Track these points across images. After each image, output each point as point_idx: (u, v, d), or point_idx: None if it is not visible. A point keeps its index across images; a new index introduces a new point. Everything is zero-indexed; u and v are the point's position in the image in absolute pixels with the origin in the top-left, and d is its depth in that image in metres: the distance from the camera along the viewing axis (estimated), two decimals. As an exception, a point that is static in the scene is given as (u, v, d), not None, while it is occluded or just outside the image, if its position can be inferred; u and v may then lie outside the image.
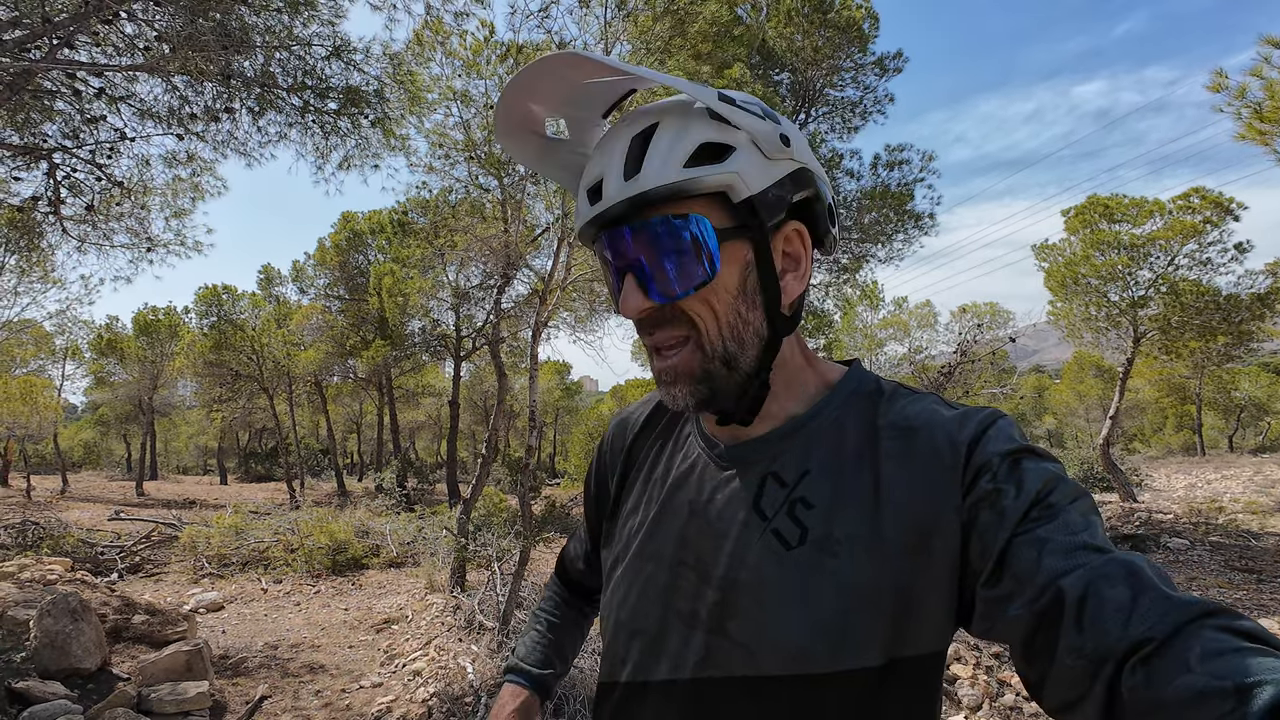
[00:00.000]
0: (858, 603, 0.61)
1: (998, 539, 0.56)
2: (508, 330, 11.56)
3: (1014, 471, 0.59)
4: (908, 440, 0.65)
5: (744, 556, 0.67)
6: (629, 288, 0.65)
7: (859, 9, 8.81)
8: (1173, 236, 12.43)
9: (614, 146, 0.65)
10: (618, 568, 0.79)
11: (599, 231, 0.67)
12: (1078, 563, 0.51)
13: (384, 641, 6.07)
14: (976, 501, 0.59)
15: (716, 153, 0.63)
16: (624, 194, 0.63)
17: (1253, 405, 27.41)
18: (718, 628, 0.66)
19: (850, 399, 0.71)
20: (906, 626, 0.60)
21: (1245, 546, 9.14)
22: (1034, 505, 0.56)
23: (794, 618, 0.62)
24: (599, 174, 0.66)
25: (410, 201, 9.17)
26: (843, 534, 0.63)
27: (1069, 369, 28.69)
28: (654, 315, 0.66)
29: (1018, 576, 0.53)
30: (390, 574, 8.94)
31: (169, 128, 5.54)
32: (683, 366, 0.66)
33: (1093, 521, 0.55)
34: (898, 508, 0.62)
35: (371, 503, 15.42)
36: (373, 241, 19.14)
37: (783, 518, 0.66)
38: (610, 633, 0.78)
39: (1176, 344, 13.61)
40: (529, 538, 5.20)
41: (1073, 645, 0.48)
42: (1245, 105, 6.65)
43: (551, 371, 27.25)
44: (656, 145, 0.63)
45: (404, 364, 19.14)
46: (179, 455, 38.05)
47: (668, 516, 0.75)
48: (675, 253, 0.63)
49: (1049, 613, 0.50)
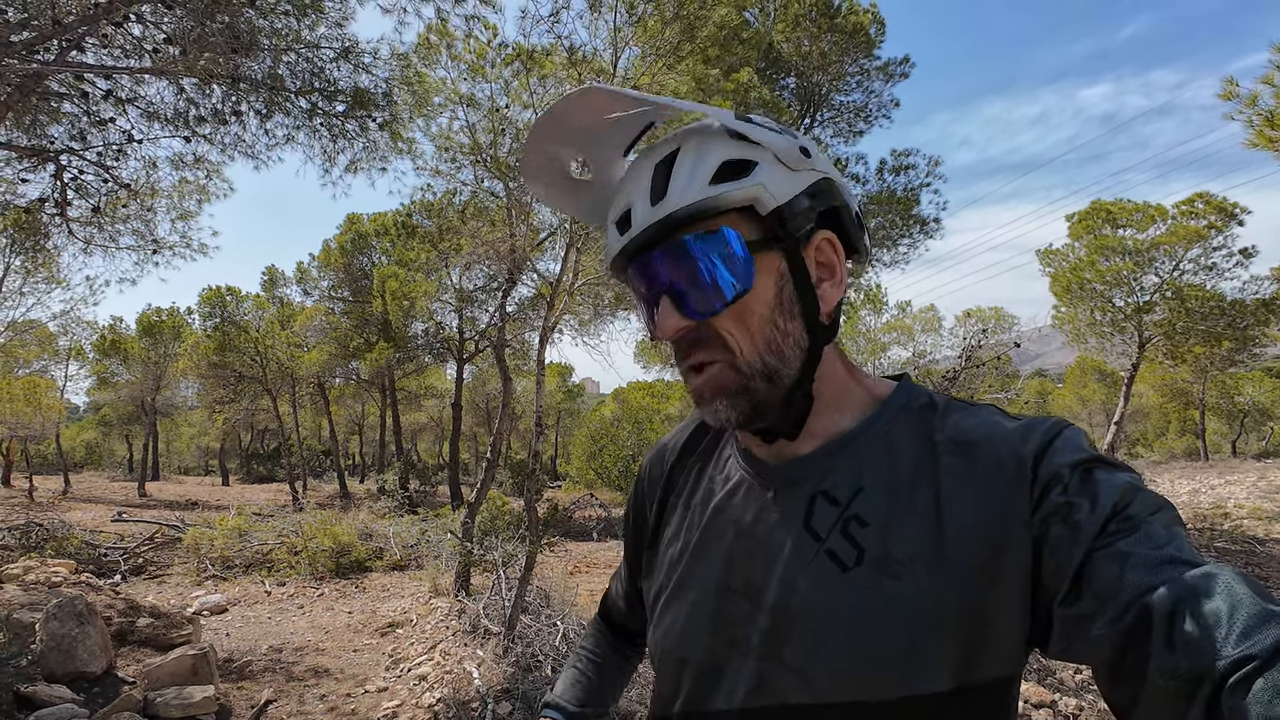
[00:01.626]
0: (922, 625, 0.58)
1: (1074, 555, 0.53)
2: (512, 333, 11.57)
3: (1086, 483, 0.56)
4: (968, 455, 0.62)
5: (796, 579, 0.64)
6: (665, 309, 0.65)
7: (865, 14, 8.81)
8: (1177, 242, 12.42)
9: (639, 176, 0.67)
10: (661, 597, 0.76)
11: (629, 261, 0.68)
12: (1165, 577, 0.48)
13: (389, 645, 6.06)
14: (1047, 516, 0.56)
15: (739, 169, 0.63)
16: (652, 218, 0.64)
17: (1256, 410, 27.33)
18: (771, 654, 0.64)
19: (901, 414, 0.69)
20: (976, 649, 0.58)
21: (1251, 553, 9.10)
22: (1111, 518, 0.53)
23: (853, 642, 0.60)
24: (626, 204, 0.67)
25: (415, 204, 9.22)
26: (903, 554, 0.60)
27: (1071, 373, 28.66)
28: (690, 335, 0.66)
29: (1098, 594, 0.51)
30: (394, 577, 8.93)
31: (176, 130, 5.55)
32: (718, 382, 0.66)
33: (1177, 533, 0.52)
34: (961, 525, 0.59)
35: (374, 504, 15.42)
36: (377, 244, 19.16)
37: (837, 537, 0.63)
38: (659, 664, 0.75)
39: (1181, 349, 13.60)
40: (535, 542, 5.19)
41: (1165, 665, 0.45)
42: (1256, 113, 6.63)
43: (554, 374, 27.26)
44: (680, 168, 0.64)
45: (407, 366, 19.15)
46: (181, 456, 38.07)
47: (712, 541, 0.73)
48: (708, 268, 0.63)
49: (1136, 631, 0.48)
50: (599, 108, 0.68)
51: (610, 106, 0.68)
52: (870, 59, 9.22)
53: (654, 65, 4.71)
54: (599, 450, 16.21)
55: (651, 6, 4.62)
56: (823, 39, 8.39)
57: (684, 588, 0.73)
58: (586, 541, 11.69)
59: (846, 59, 8.86)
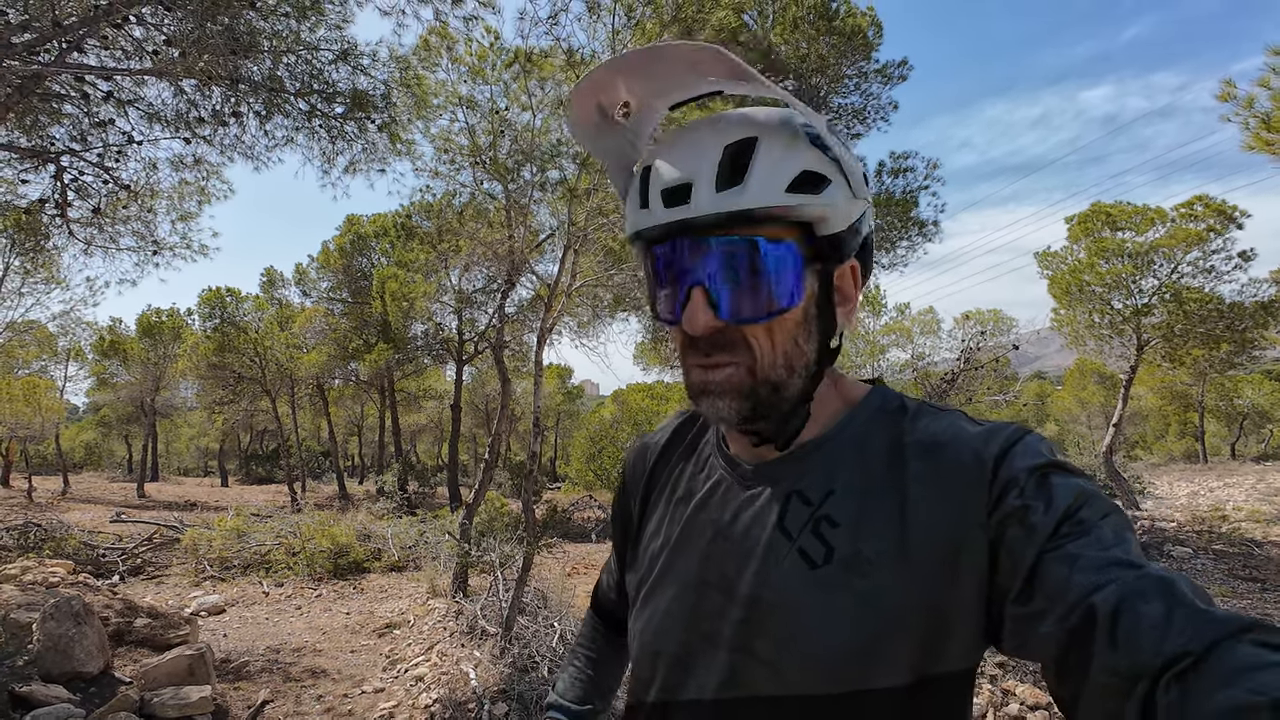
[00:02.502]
0: (885, 621, 0.60)
1: (1027, 555, 0.55)
2: (511, 334, 11.57)
3: (1042, 487, 0.58)
4: (933, 457, 0.64)
5: (769, 575, 0.66)
6: (698, 303, 0.63)
7: (863, 17, 8.84)
8: (1176, 244, 12.43)
9: (702, 151, 0.63)
10: (642, 590, 0.78)
11: (667, 237, 0.65)
12: (1110, 578, 0.50)
13: (386, 646, 6.06)
14: (1004, 518, 0.58)
15: (815, 182, 0.62)
16: (723, 206, 0.61)
17: (1255, 413, 27.33)
18: (743, 646, 0.66)
19: (874, 416, 0.71)
20: (935, 645, 0.60)
21: (1249, 555, 9.10)
22: (1064, 521, 0.55)
23: (821, 636, 0.62)
24: (683, 176, 0.62)
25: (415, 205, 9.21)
26: (870, 552, 0.62)
27: (1070, 376, 28.67)
28: (714, 335, 0.65)
29: (1048, 593, 0.53)
30: (392, 578, 8.93)
31: (176, 131, 5.56)
32: (730, 383, 0.65)
33: (1126, 537, 0.54)
34: (924, 525, 0.61)
35: (373, 506, 15.41)
36: (376, 245, 19.18)
37: (808, 536, 0.65)
38: (636, 655, 0.78)
39: (1180, 352, 13.61)
40: (532, 543, 5.19)
41: (1106, 663, 0.47)
42: (1253, 115, 6.65)
43: (553, 375, 27.27)
44: (761, 161, 0.61)
45: (406, 367, 19.14)
46: (180, 457, 38.04)
47: (691, 537, 0.75)
48: (759, 276, 0.62)
49: (1081, 630, 0.50)
50: (706, 69, 0.65)
51: (721, 73, 0.65)
52: (868, 61, 9.25)
53: None
54: (598, 452, 16.22)
55: (650, 9, 4.64)
56: (821, 42, 8.42)
57: (663, 581, 0.75)
58: (585, 543, 11.69)
59: (845, 62, 8.89)
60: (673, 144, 0.66)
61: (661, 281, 0.67)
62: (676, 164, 0.64)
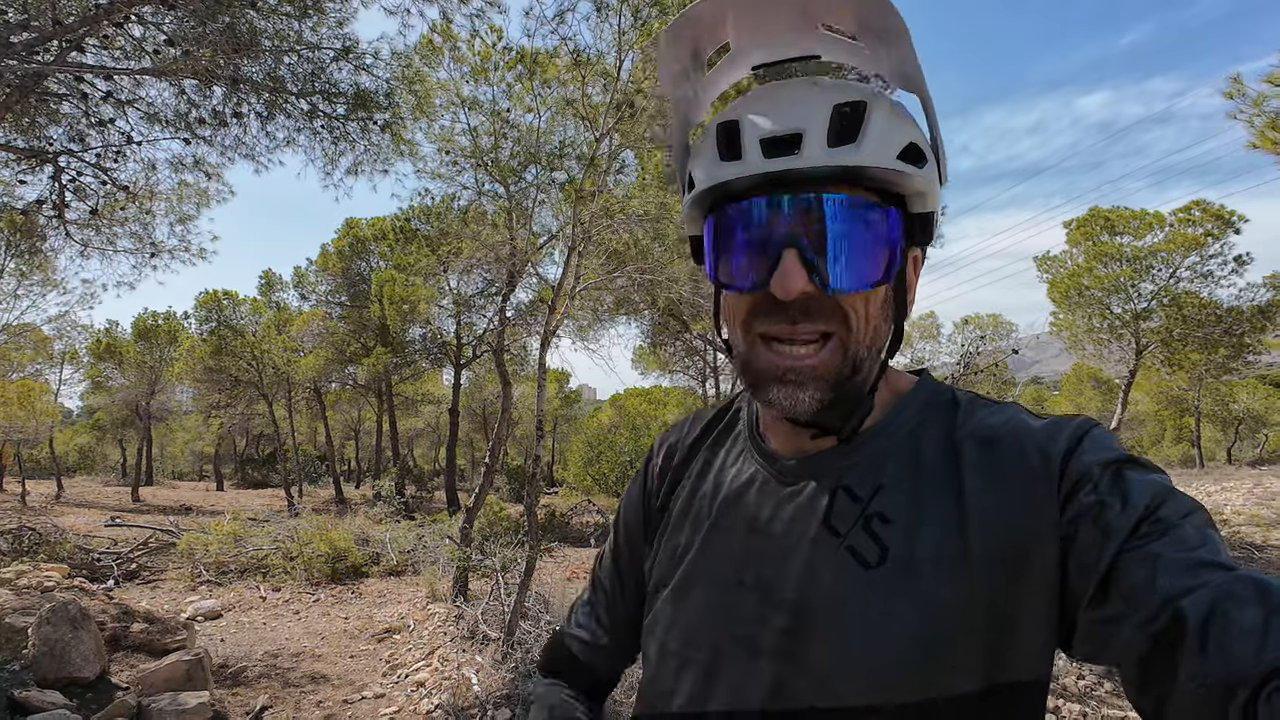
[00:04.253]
0: (948, 626, 0.56)
1: (1103, 556, 0.52)
2: (510, 338, 11.54)
3: (1118, 483, 0.54)
4: (993, 452, 0.60)
5: (816, 576, 0.61)
6: (791, 265, 0.57)
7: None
8: (1174, 249, 12.50)
9: (811, 106, 0.58)
10: (661, 592, 0.73)
11: (761, 190, 0.60)
12: (1199, 581, 0.47)
13: (385, 651, 6.01)
14: (1076, 516, 0.54)
15: (918, 157, 0.60)
16: (837, 159, 0.57)
17: (1250, 417, 27.44)
18: (788, 654, 0.61)
19: (924, 408, 0.67)
20: (1003, 651, 0.56)
21: (1249, 559, 9.10)
22: (1143, 520, 0.51)
23: (878, 643, 0.57)
24: (791, 126, 0.58)
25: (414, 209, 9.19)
26: (927, 552, 0.58)
27: (1068, 381, 28.72)
28: (803, 302, 0.59)
29: (1127, 596, 0.49)
30: (390, 582, 8.87)
31: (176, 132, 5.53)
32: (822, 367, 0.60)
33: (1210, 536, 0.51)
34: (986, 524, 0.57)
35: (370, 510, 15.35)
36: (375, 248, 19.15)
37: (859, 534, 0.61)
38: (655, 662, 0.71)
39: (1178, 356, 13.66)
40: (535, 547, 5.15)
41: (1197, 671, 0.44)
42: (1259, 114, 6.65)
43: (551, 380, 27.23)
44: (874, 124, 0.58)
45: (404, 371, 19.10)
46: (175, 461, 37.86)
47: (720, 535, 0.70)
48: (864, 241, 0.59)
49: (1167, 635, 0.46)
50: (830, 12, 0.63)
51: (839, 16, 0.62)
52: (870, 65, 9.30)
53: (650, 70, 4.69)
54: (596, 457, 16.15)
55: (655, 10, 4.63)
56: (824, 44, 8.46)
57: (689, 582, 0.70)
58: (584, 548, 11.64)
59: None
60: (769, 97, 0.61)
61: (741, 242, 0.61)
62: (778, 117, 0.59)
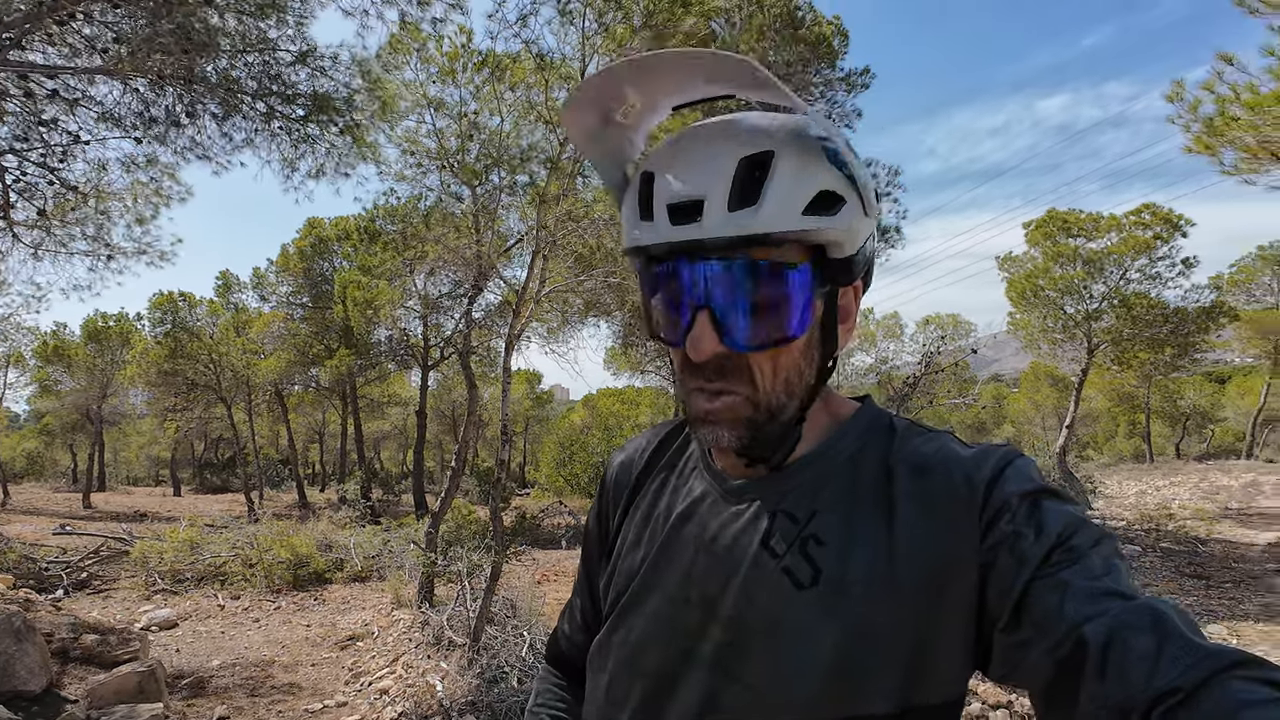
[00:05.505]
0: (871, 647, 0.59)
1: (1017, 583, 0.54)
2: (478, 340, 11.44)
3: (1034, 513, 0.57)
4: (924, 479, 0.63)
5: (753, 595, 0.64)
6: (703, 329, 0.60)
7: (828, 25, 9.06)
8: (1125, 251, 12.97)
9: (715, 164, 0.58)
10: (618, 604, 0.75)
11: (672, 256, 0.61)
12: (1101, 609, 0.50)
13: (349, 659, 5.92)
14: (996, 544, 0.57)
15: (831, 203, 0.59)
16: (738, 229, 0.57)
17: (1197, 414, 28.62)
18: (724, 668, 0.64)
19: (863, 435, 0.69)
20: (921, 673, 0.58)
21: (1194, 552, 9.48)
22: (1055, 548, 0.55)
23: (805, 661, 0.60)
24: (693, 191, 0.58)
25: (379, 209, 9.06)
26: (857, 575, 0.60)
27: (1026, 378, 29.55)
28: (717, 362, 0.62)
29: (1037, 622, 0.52)
30: (355, 589, 8.73)
31: (127, 131, 5.36)
32: (732, 414, 0.63)
33: (1116, 566, 0.54)
34: (914, 549, 0.60)
35: (334, 514, 15.06)
36: (339, 249, 18.77)
37: (794, 555, 0.63)
38: (610, 673, 0.73)
39: (1128, 355, 14.18)
40: (501, 552, 5.13)
41: (1095, 694, 0.47)
42: (1196, 119, 6.93)
43: (522, 381, 27.02)
44: (778, 181, 0.57)
45: (369, 373, 18.77)
46: (129, 466, 36.60)
47: (672, 552, 0.72)
48: (769, 302, 0.60)
49: (1071, 660, 0.49)
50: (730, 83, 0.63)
51: (735, 75, 0.62)
52: (833, 69, 9.43)
53: None
54: (568, 457, 16.09)
55: (620, 15, 4.64)
56: (787, 49, 8.58)
57: (643, 597, 0.72)
58: (555, 550, 11.60)
59: (810, 69, 9.06)
60: (679, 151, 0.61)
61: (663, 301, 0.64)
62: (685, 176, 0.59)
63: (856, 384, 15.37)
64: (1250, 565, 8.75)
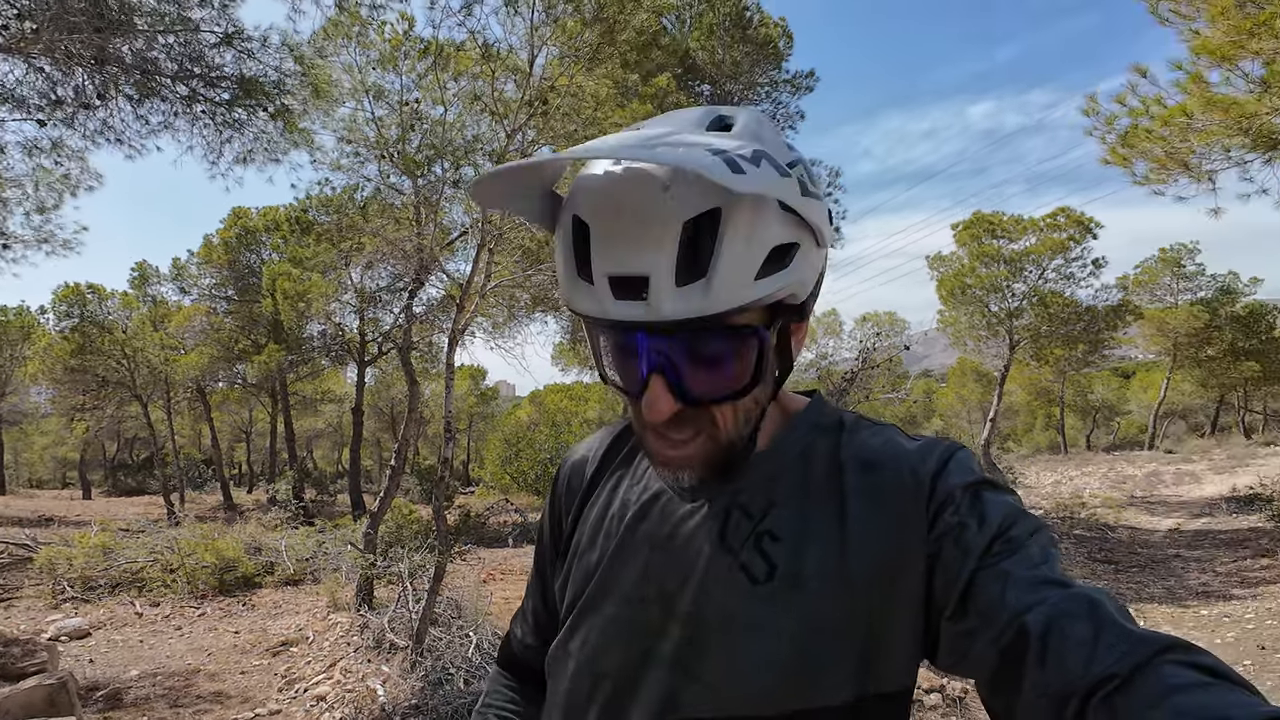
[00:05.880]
0: (826, 640, 0.60)
1: (962, 573, 0.56)
2: (419, 335, 11.16)
3: (976, 504, 0.60)
4: (872, 474, 0.65)
5: (710, 591, 0.65)
6: (659, 392, 0.58)
7: (775, 27, 9.27)
8: (1043, 252, 13.82)
9: (656, 232, 0.53)
10: (575, 607, 0.74)
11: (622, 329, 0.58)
12: (1041, 597, 0.52)
13: (281, 665, 5.70)
14: (941, 535, 0.59)
15: (783, 254, 0.57)
16: (688, 310, 0.53)
17: (1105, 407, 30.73)
18: (683, 666, 0.64)
19: (812, 430, 0.70)
20: (875, 664, 0.60)
21: (1104, 539, 10.16)
22: (996, 539, 0.57)
23: (762, 656, 0.61)
24: (635, 267, 0.53)
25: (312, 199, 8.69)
26: (811, 570, 0.62)
27: (953, 374, 30.97)
28: (676, 416, 0.60)
29: (981, 611, 0.54)
30: (287, 593, 8.40)
31: (30, 113, 4.96)
32: (696, 459, 0.63)
33: (1051, 555, 0.57)
34: (865, 543, 0.61)
35: (264, 516, 14.44)
36: (267, 240, 17.95)
37: (750, 551, 0.64)
38: (570, 677, 0.72)
39: (1045, 351, 15.10)
40: (444, 551, 5.03)
41: (1037, 682, 0.49)
42: (1111, 131, 7.39)
43: (466, 377, 26.48)
44: (729, 247, 0.53)
45: (301, 369, 18.04)
46: (32, 468, 34.13)
47: (628, 551, 0.71)
48: (722, 361, 0.59)
49: (1013, 649, 0.51)
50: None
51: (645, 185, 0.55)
52: (779, 70, 9.65)
53: (572, 66, 4.63)
54: (515, 454, 15.87)
55: (571, 7, 4.59)
56: (735, 48, 8.75)
57: (600, 598, 0.72)
58: (501, 548, 11.47)
59: (757, 69, 9.26)
60: (613, 199, 0.55)
61: (613, 358, 0.62)
62: (624, 245, 0.54)
63: (796, 379, 15.77)
64: (1154, 550, 9.44)
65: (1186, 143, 6.65)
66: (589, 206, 0.57)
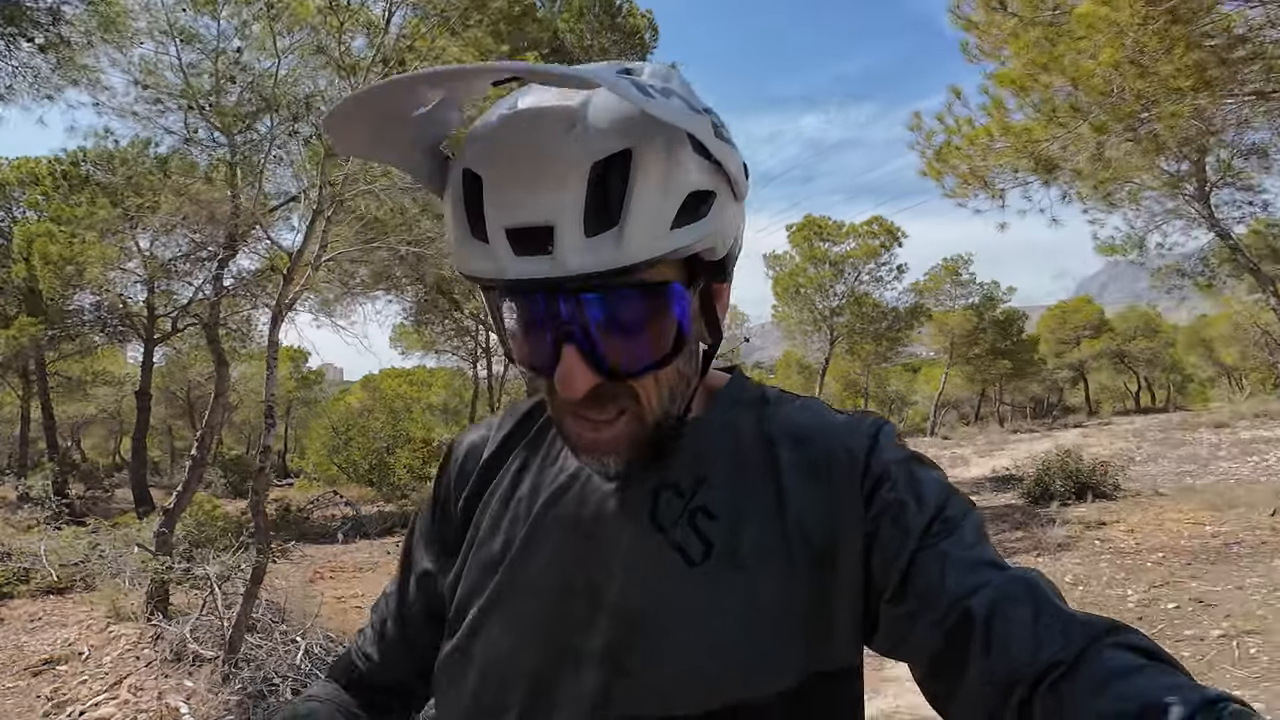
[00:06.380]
0: (769, 621, 0.57)
1: (902, 553, 0.55)
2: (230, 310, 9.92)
3: (912, 482, 0.58)
4: (805, 449, 0.62)
5: (641, 576, 0.59)
6: (572, 363, 0.53)
7: (642, 18, 9.54)
8: (860, 256, 15.72)
9: (560, 176, 0.48)
10: (473, 604, 0.66)
11: (523, 290, 0.53)
12: (982, 579, 0.51)
13: (45, 686, 4.95)
14: (879, 513, 0.57)
15: (699, 202, 0.52)
16: (598, 262, 0.48)
17: (899, 398, 35.36)
18: (616, 662, 0.58)
19: (734, 407, 0.68)
20: (822, 643, 0.58)
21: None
22: (934, 519, 0.56)
23: (702, 642, 0.57)
24: (537, 216, 0.48)
25: (89, 151, 7.31)
26: (750, 547, 0.58)
27: (780, 366, 33.80)
28: (593, 393, 0.55)
29: (920, 594, 0.53)
30: (49, 602, 7.22)
31: None
32: (625, 438, 0.59)
33: (983, 534, 0.56)
34: (803, 519, 0.59)
35: (13, 515, 12.17)
36: (22, 195, 14.98)
37: (684, 529, 0.60)
38: (476, 681, 0.64)
39: (857, 346, 17.17)
40: (264, 550, 4.55)
41: (982, 668, 0.48)
42: (930, 146, 8.38)
43: (286, 358, 23.99)
44: (642, 192, 0.48)
45: (64, 346, 15.36)
46: None
47: (542, 538, 0.65)
48: (642, 325, 0.54)
49: (956, 633, 0.50)
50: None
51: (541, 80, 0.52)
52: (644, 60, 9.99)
53: (436, 28, 4.25)
54: (344, 443, 14.67)
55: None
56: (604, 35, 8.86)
57: (509, 593, 0.65)
58: (330, 544, 10.61)
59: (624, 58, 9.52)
60: (509, 145, 0.51)
61: (518, 331, 0.57)
62: (524, 191, 0.49)
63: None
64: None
65: (986, 162, 7.74)
66: (481, 155, 0.51)
